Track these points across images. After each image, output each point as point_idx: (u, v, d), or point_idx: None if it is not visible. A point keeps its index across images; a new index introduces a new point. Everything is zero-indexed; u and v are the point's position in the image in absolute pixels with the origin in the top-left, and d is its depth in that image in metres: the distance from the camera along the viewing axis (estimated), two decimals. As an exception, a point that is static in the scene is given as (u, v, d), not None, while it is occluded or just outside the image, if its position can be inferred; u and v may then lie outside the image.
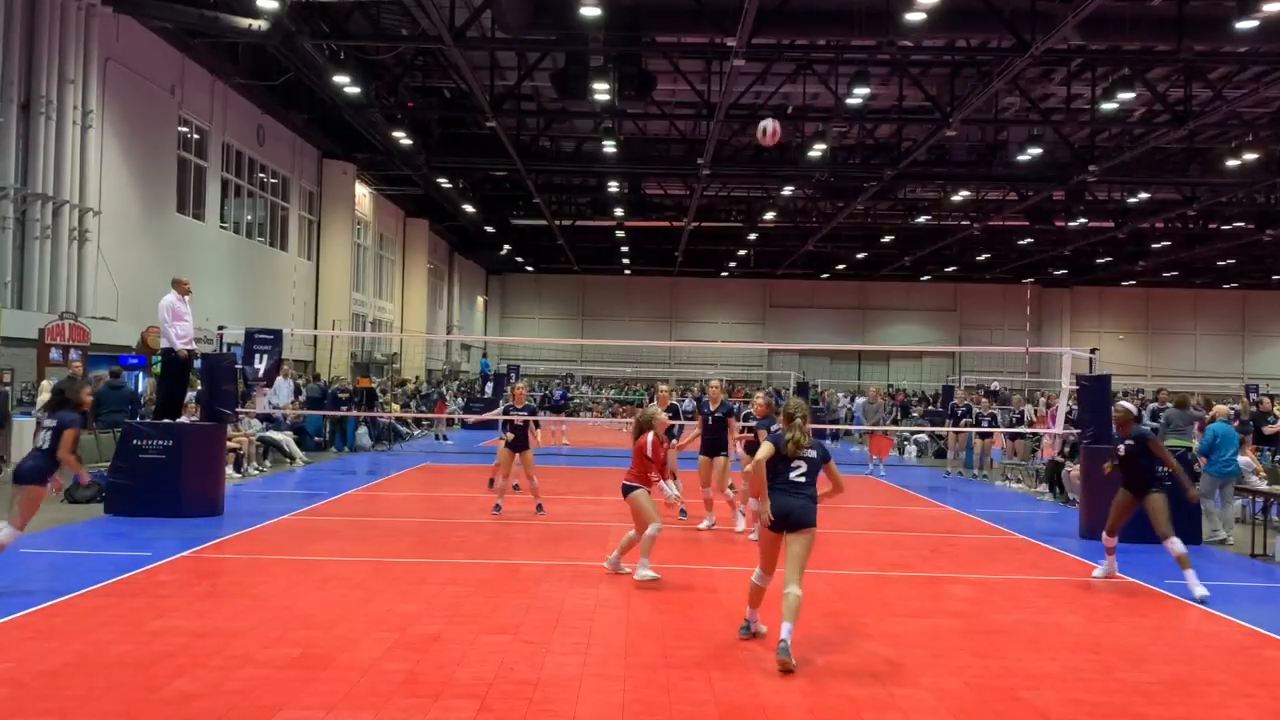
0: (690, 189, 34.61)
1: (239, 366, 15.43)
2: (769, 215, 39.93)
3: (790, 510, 6.79)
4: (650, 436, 9.13)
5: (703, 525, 12.18)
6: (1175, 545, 9.14)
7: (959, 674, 6.51)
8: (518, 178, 33.60)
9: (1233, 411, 17.13)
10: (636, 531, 9.00)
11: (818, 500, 6.97)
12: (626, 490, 9.01)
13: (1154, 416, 19.79)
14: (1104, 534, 9.84)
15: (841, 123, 27.80)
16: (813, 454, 6.92)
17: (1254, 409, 19.57)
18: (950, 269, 53.12)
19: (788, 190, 36.34)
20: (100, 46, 20.26)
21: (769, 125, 15.39)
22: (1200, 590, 8.80)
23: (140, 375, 19.30)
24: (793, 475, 6.86)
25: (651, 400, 11.11)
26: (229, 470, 15.15)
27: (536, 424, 14.91)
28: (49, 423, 8.45)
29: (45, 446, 8.35)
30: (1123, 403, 9.80)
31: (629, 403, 30.00)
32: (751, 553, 10.77)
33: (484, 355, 53.73)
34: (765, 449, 6.94)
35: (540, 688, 5.98)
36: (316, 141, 32.04)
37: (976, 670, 6.62)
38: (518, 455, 13.15)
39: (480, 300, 60.62)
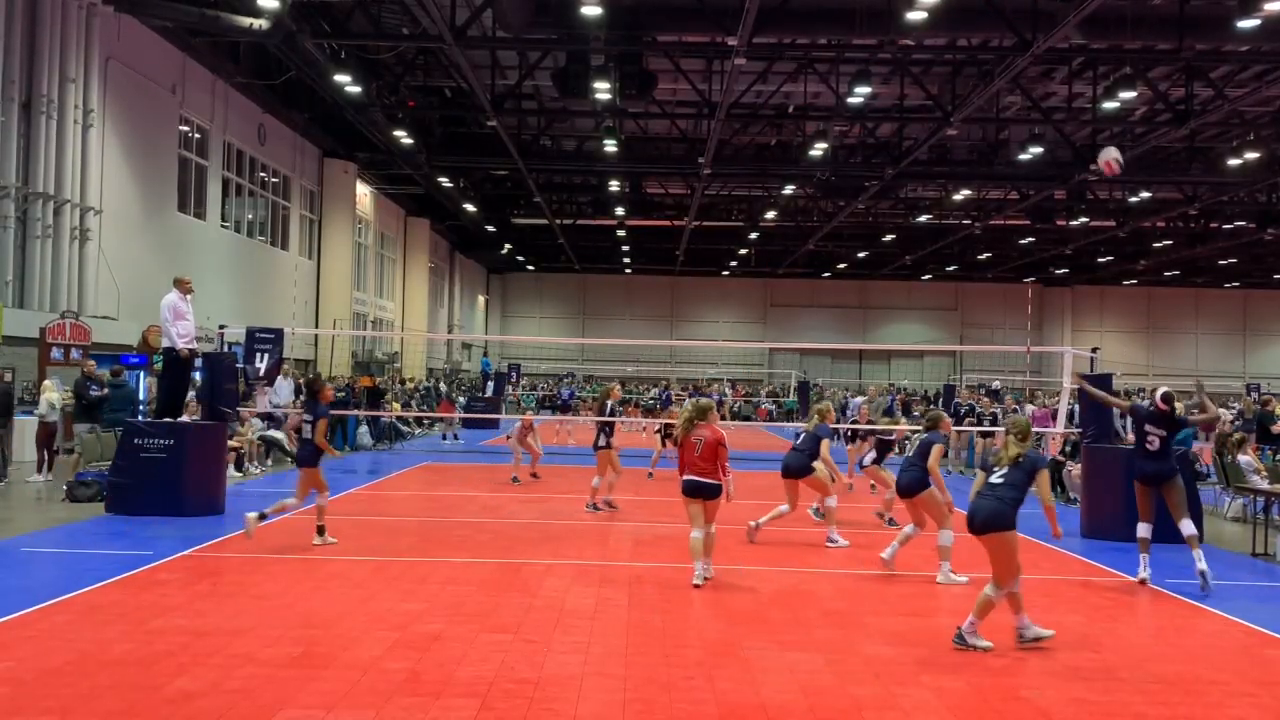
0: (691, 188, 34.62)
1: (240, 366, 15.40)
2: (770, 214, 39.94)
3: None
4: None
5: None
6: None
7: (960, 673, 6.50)
8: (519, 177, 33.61)
9: (1236, 410, 17.21)
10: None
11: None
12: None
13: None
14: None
15: (843, 122, 27.82)
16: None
17: (1259, 408, 19.52)
18: (951, 268, 53.11)
19: (789, 189, 36.35)
20: (101, 46, 20.27)
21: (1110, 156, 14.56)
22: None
23: (141, 374, 19.30)
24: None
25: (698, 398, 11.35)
26: (230, 469, 15.15)
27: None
28: (307, 417, 10.40)
29: (308, 436, 10.30)
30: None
31: (625, 402, 30.05)
32: (751, 552, 10.78)
33: (485, 354, 53.73)
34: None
35: (541, 687, 5.98)
36: (317, 140, 32.05)
37: (977, 669, 6.62)
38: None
39: (481, 299, 60.62)
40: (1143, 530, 9.70)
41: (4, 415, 15.14)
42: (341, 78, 22.64)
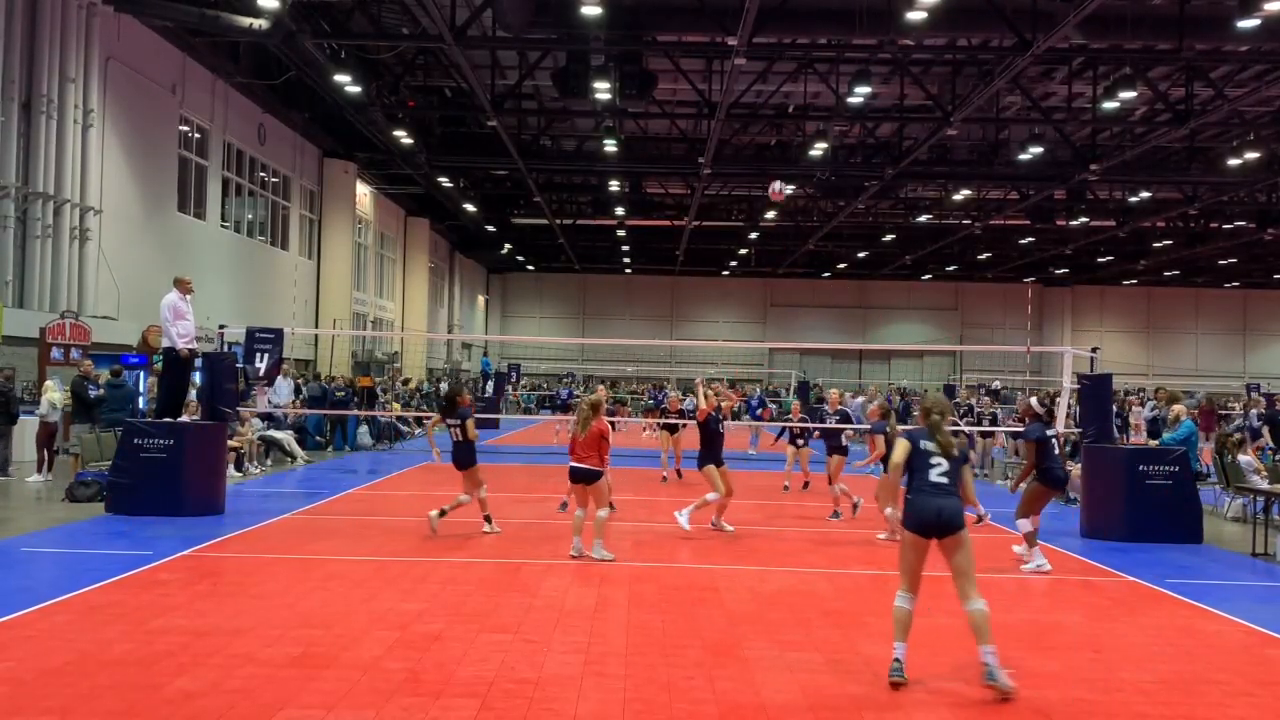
0: (691, 188, 34.62)
1: (240, 365, 15.41)
2: (770, 214, 39.93)
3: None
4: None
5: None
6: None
7: (960, 673, 6.50)
8: (519, 177, 33.61)
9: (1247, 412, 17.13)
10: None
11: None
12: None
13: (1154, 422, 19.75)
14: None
15: (843, 122, 27.81)
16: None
17: (1273, 407, 19.50)
18: (951, 268, 53.12)
19: (789, 189, 36.32)
20: (101, 45, 20.27)
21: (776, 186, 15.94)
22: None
23: (141, 374, 19.31)
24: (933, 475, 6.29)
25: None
26: (230, 469, 15.15)
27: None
28: (453, 422, 11.41)
29: (459, 439, 11.30)
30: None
31: (619, 402, 30.15)
32: (750, 552, 10.79)
33: (485, 354, 53.74)
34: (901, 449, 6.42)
35: (541, 687, 5.98)
36: (317, 140, 32.05)
37: (977, 669, 6.61)
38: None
39: (481, 299, 60.62)
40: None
41: (5, 416, 15.16)
42: (341, 78, 22.64)
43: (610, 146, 28.31)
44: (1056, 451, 10.22)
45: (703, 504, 11.61)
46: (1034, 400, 11.05)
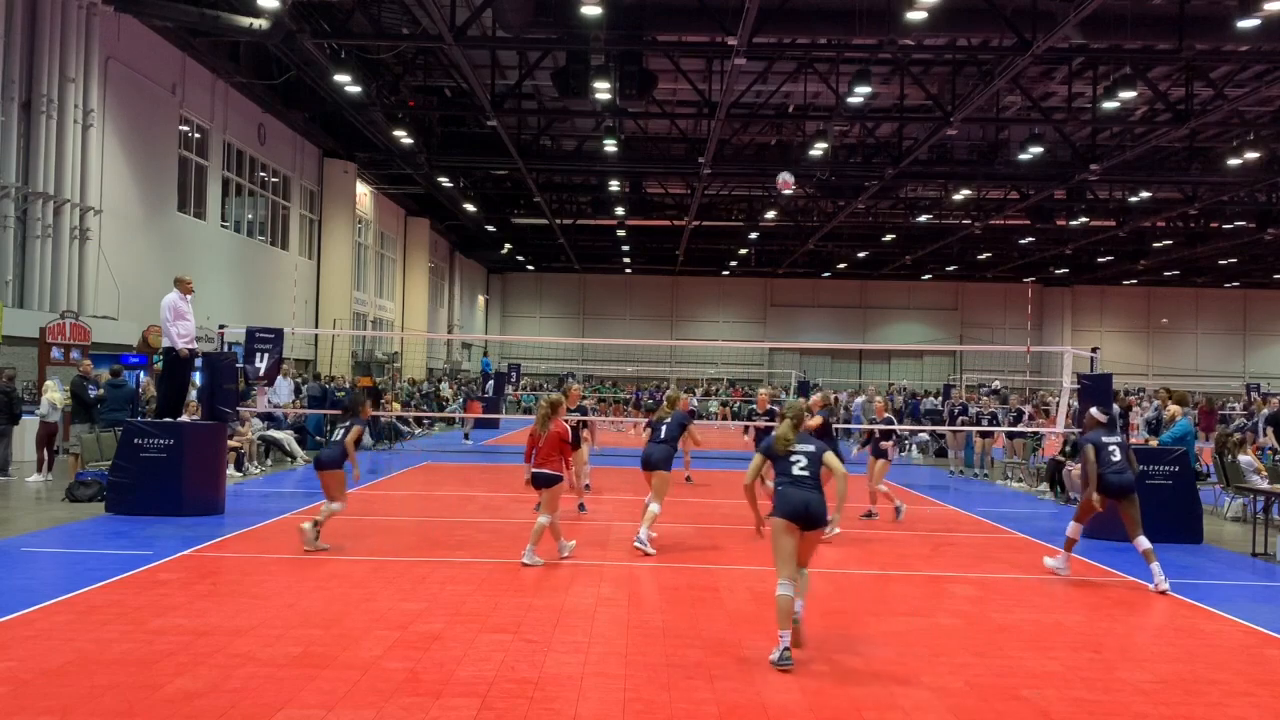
0: (691, 188, 34.63)
1: (240, 365, 15.40)
2: (770, 214, 39.96)
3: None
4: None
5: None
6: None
7: (960, 673, 6.50)
8: (519, 177, 33.62)
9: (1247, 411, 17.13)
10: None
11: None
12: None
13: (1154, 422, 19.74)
14: None
15: (843, 121, 27.81)
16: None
17: (1276, 407, 19.51)
18: (951, 268, 53.13)
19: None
20: (101, 45, 20.28)
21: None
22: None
23: (141, 374, 19.31)
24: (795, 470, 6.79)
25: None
26: (230, 469, 15.15)
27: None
28: (342, 426, 10.56)
29: (338, 439, 10.47)
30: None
31: (603, 401, 30.29)
32: (751, 552, 10.78)
33: (485, 354, 53.75)
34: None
35: (541, 686, 5.98)
36: (317, 140, 32.06)
37: (977, 669, 6.62)
38: None
39: (481, 299, 60.63)
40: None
41: (7, 416, 15.15)
42: (341, 78, 22.65)
43: (610, 146, 28.31)
44: (1117, 459, 9.52)
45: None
46: (1095, 410, 10.35)
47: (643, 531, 10.47)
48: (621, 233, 44.66)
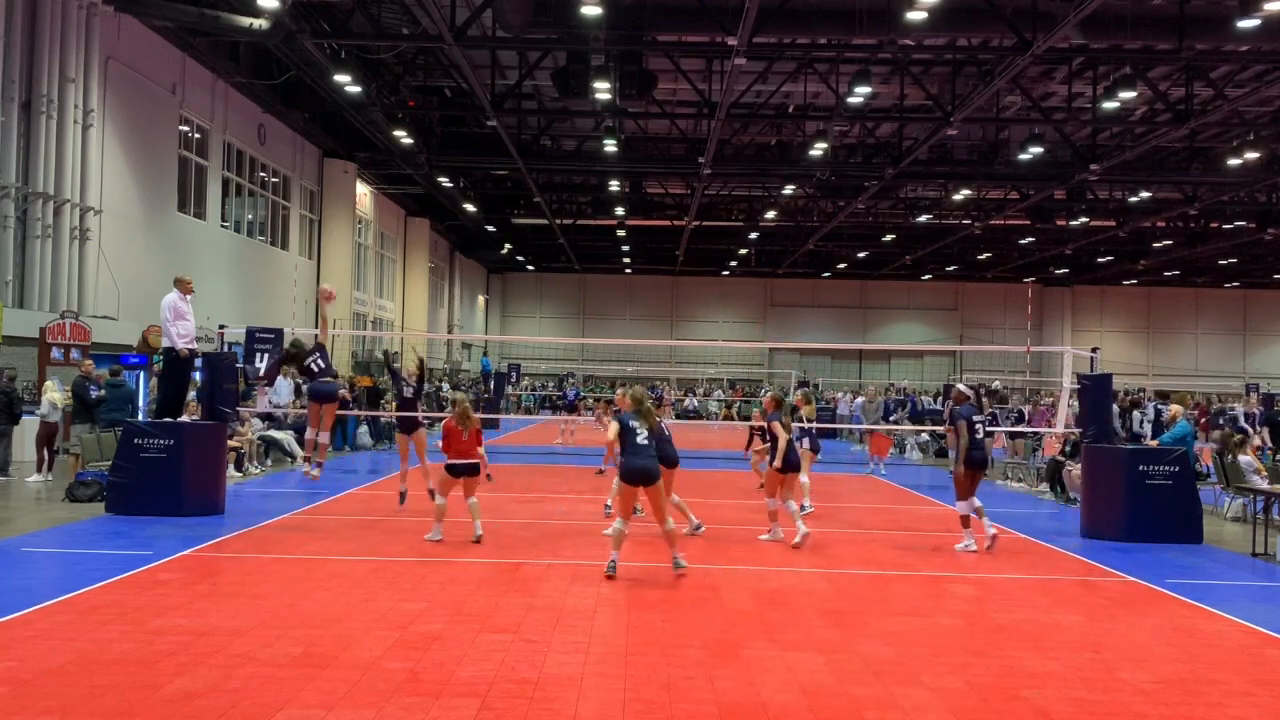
0: (691, 188, 34.62)
1: (240, 365, 15.41)
2: (770, 214, 39.95)
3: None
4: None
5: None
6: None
7: (960, 673, 6.51)
8: (519, 177, 33.61)
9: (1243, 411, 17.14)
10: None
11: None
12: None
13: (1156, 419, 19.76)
14: None
15: (842, 122, 27.80)
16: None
17: (1270, 409, 19.52)
18: (951, 268, 53.12)
19: (789, 189, 36.35)
20: (101, 45, 20.27)
21: None
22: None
23: (141, 374, 19.31)
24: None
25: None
26: (230, 469, 15.16)
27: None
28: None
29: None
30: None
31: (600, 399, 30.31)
32: (750, 552, 10.79)
33: (485, 354, 53.75)
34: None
35: (541, 686, 5.98)
36: (317, 140, 32.05)
37: (977, 669, 6.62)
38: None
39: (481, 299, 60.63)
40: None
41: (8, 416, 15.15)
42: (341, 78, 22.64)
43: (610, 146, 28.30)
44: (980, 436, 11.11)
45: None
46: (961, 386, 11.98)
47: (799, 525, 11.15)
48: (621, 233, 44.64)
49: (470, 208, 39.18)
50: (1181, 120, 23.62)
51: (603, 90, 22.24)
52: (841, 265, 53.67)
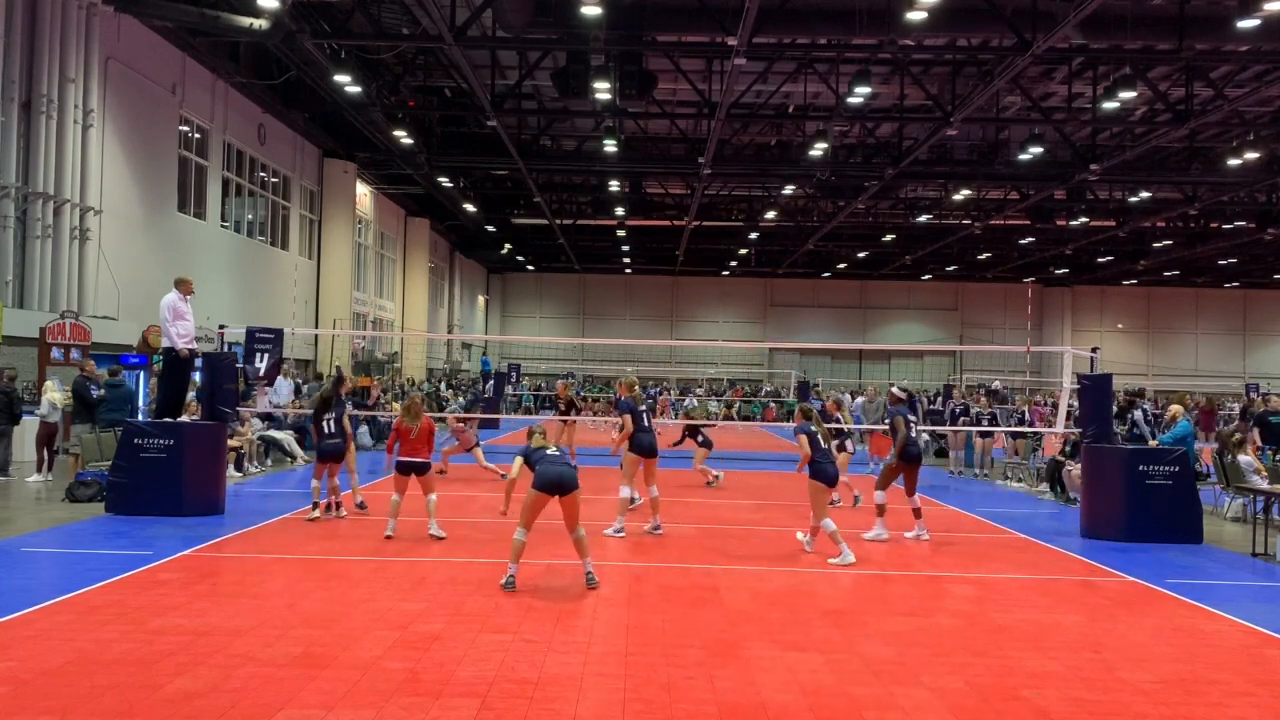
0: (691, 188, 34.62)
1: (240, 365, 15.41)
2: (770, 214, 39.95)
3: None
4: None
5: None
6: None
7: (960, 673, 6.50)
8: (519, 177, 33.62)
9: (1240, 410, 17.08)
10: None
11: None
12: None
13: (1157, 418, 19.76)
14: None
15: (842, 122, 27.81)
16: None
17: (1264, 409, 19.48)
18: (951, 268, 53.13)
19: (789, 189, 36.36)
20: (101, 45, 20.27)
21: None
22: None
23: (141, 374, 19.30)
24: None
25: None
26: (230, 469, 15.15)
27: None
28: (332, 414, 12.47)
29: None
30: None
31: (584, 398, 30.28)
32: (754, 552, 10.79)
33: (484, 354, 53.76)
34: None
35: (541, 686, 5.98)
36: (317, 140, 32.06)
37: (977, 669, 6.62)
38: None
39: (481, 299, 60.63)
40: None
41: (8, 416, 15.15)
42: (341, 78, 22.64)
43: (610, 146, 28.30)
44: (914, 434, 11.87)
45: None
46: (895, 388, 13.11)
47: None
48: (621, 233, 44.64)
49: (470, 208, 39.19)
50: (1181, 120, 23.62)
51: (603, 90, 22.24)
52: (841, 265, 53.68)
